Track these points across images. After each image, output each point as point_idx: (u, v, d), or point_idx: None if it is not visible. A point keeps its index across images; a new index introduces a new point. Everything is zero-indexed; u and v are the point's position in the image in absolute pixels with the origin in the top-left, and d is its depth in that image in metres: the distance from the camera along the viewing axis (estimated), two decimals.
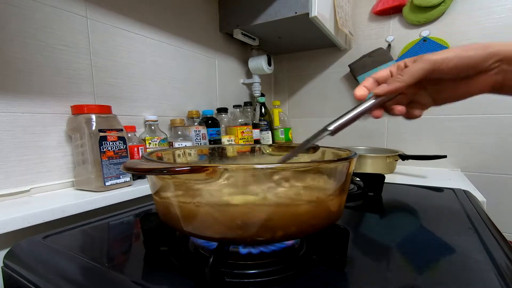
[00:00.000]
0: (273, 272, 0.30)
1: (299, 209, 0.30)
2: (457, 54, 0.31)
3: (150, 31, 0.81)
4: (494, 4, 0.95)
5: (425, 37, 1.05)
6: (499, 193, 1.01)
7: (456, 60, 0.31)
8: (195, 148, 0.52)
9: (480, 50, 0.31)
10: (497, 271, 0.30)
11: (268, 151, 0.55)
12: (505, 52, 0.31)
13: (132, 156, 0.70)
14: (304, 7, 0.86)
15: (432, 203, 0.57)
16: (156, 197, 0.34)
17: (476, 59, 0.31)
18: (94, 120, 0.59)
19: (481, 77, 0.32)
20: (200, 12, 0.98)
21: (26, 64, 0.56)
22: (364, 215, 0.51)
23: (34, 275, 0.33)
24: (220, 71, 1.10)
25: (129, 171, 0.27)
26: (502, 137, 0.98)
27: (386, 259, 0.34)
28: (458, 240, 0.38)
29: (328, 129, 0.35)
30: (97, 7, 0.68)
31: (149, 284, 0.29)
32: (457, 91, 0.35)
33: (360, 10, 1.17)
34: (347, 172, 0.33)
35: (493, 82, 0.32)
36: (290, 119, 1.39)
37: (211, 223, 0.29)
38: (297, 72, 1.36)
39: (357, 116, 0.35)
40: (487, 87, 0.33)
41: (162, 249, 0.35)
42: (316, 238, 0.34)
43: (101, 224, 0.48)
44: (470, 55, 0.31)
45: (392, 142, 1.16)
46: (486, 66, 0.31)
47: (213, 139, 0.94)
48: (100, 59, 0.69)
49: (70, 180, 0.64)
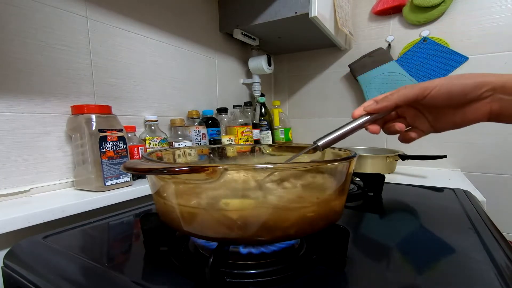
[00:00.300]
0: (273, 272, 0.30)
1: (299, 209, 0.30)
2: (448, 82, 0.33)
3: (150, 31, 0.81)
4: (494, 4, 0.95)
5: (425, 37, 1.05)
6: (499, 193, 1.01)
7: (448, 87, 0.33)
8: (195, 148, 0.52)
9: (472, 79, 0.32)
10: (497, 271, 0.30)
11: (268, 151, 0.55)
12: (496, 82, 0.32)
13: (132, 156, 0.70)
14: (304, 7, 0.86)
15: (432, 203, 0.57)
16: (156, 197, 0.34)
17: (467, 87, 0.32)
18: (94, 120, 0.59)
19: (476, 105, 0.34)
20: (200, 12, 0.98)
21: (26, 64, 0.56)
22: (364, 215, 0.51)
23: (34, 275, 0.33)
24: (220, 71, 1.10)
25: (129, 171, 0.27)
26: (502, 137, 0.98)
27: (386, 259, 0.34)
28: (458, 240, 0.38)
29: (318, 144, 0.36)
30: (97, 7, 0.68)
31: (149, 284, 0.29)
32: (454, 119, 0.36)
33: (360, 10, 1.17)
34: (347, 172, 0.33)
35: (489, 110, 0.33)
36: (290, 119, 1.39)
37: (211, 223, 0.29)
38: (297, 72, 1.36)
39: (347, 133, 0.37)
40: (484, 115, 0.34)
41: (162, 249, 0.35)
42: (316, 238, 0.34)
43: (101, 224, 0.48)
44: (462, 82, 0.32)
45: (392, 142, 1.16)
46: (478, 94, 0.32)
47: (213, 139, 0.94)
48: (100, 59, 0.69)
49: (70, 180, 0.64)
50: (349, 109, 1.25)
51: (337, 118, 1.28)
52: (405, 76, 1.09)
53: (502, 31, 0.95)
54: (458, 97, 0.33)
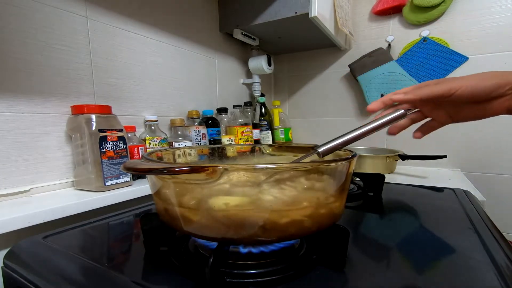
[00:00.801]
0: (273, 272, 0.29)
1: (299, 209, 0.30)
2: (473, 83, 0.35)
3: (150, 31, 0.81)
4: (494, 4, 0.95)
5: (425, 37, 1.05)
6: (499, 193, 1.01)
7: (472, 88, 0.35)
8: (195, 148, 0.52)
9: (494, 79, 0.34)
10: (497, 271, 0.30)
11: (268, 151, 0.55)
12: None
13: (132, 156, 0.70)
14: (304, 7, 0.86)
15: (432, 203, 0.57)
16: (156, 197, 0.34)
17: (491, 87, 0.34)
18: (94, 120, 0.59)
19: (497, 101, 0.36)
20: (200, 12, 0.98)
21: (26, 64, 0.56)
22: (364, 215, 0.51)
23: (34, 275, 0.33)
24: (220, 71, 1.10)
25: (129, 171, 0.27)
26: (502, 137, 0.98)
27: (386, 259, 0.34)
28: (458, 240, 0.38)
29: (318, 150, 0.36)
30: (97, 7, 0.68)
31: (149, 284, 0.29)
32: (475, 112, 0.38)
33: (360, 10, 1.17)
34: (347, 172, 0.33)
35: (509, 105, 0.36)
36: (290, 119, 1.39)
37: (211, 223, 0.29)
38: (297, 72, 1.36)
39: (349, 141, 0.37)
40: (503, 110, 0.36)
41: (162, 249, 0.35)
42: (316, 238, 0.34)
43: (101, 224, 0.48)
44: (486, 84, 0.34)
45: (392, 142, 1.16)
46: (501, 93, 0.34)
47: (213, 139, 0.94)
48: (100, 59, 0.69)
49: (70, 180, 0.64)
50: (349, 109, 1.25)
51: (337, 118, 1.28)
52: (405, 76, 1.09)
53: (502, 31, 0.95)
54: (482, 96, 0.35)
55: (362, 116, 1.23)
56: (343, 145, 0.37)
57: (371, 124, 0.37)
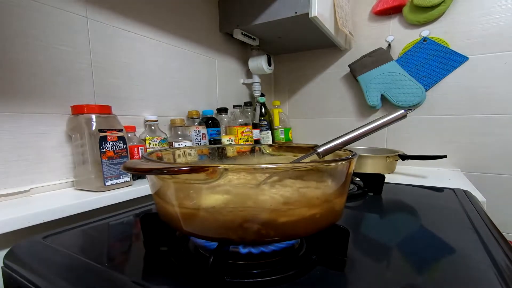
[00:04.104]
0: (273, 272, 0.29)
1: (299, 209, 0.30)
2: None
3: (150, 31, 0.81)
4: (494, 4, 0.95)
5: (425, 37, 1.05)
6: (499, 193, 1.01)
7: None
8: (195, 148, 0.52)
9: None
10: (497, 271, 0.30)
11: (268, 151, 0.55)
12: None
13: (132, 156, 0.70)
14: (304, 7, 0.86)
15: (432, 203, 0.57)
16: (156, 197, 0.34)
17: None
18: (94, 120, 0.59)
19: None
20: (200, 12, 0.98)
21: (26, 64, 0.56)
22: (364, 215, 0.51)
23: (34, 275, 0.33)
24: (220, 71, 1.10)
25: (129, 171, 0.27)
26: (502, 137, 0.98)
27: (386, 259, 0.34)
28: (458, 240, 0.38)
29: (318, 151, 0.37)
30: (97, 7, 0.68)
31: (149, 284, 0.29)
32: None
33: (360, 10, 1.17)
34: (347, 172, 0.33)
35: None
36: (290, 119, 1.39)
37: (211, 223, 0.29)
38: (297, 72, 1.36)
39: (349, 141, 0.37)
40: None
41: (162, 249, 0.35)
42: (316, 238, 0.34)
43: (101, 224, 0.48)
44: None
45: (392, 142, 1.16)
46: None
47: (213, 139, 0.94)
48: (100, 59, 0.69)
49: (70, 180, 0.64)
50: (349, 109, 1.25)
51: (337, 118, 1.28)
52: (405, 76, 1.09)
53: (502, 31, 0.95)
54: None
55: (362, 116, 1.23)
56: (343, 145, 0.37)
57: (371, 124, 0.38)
